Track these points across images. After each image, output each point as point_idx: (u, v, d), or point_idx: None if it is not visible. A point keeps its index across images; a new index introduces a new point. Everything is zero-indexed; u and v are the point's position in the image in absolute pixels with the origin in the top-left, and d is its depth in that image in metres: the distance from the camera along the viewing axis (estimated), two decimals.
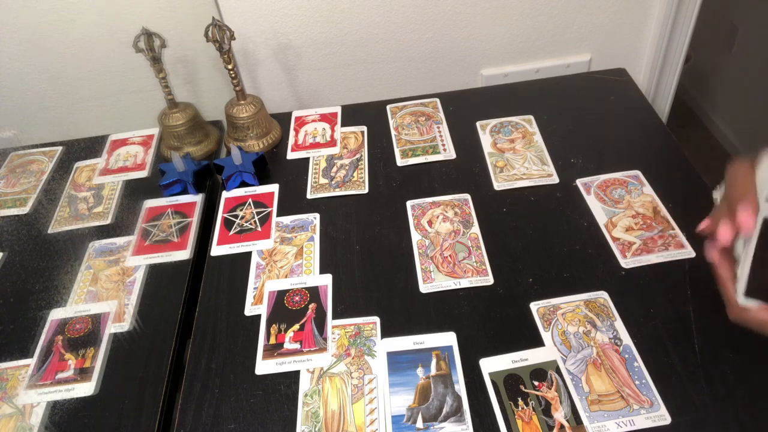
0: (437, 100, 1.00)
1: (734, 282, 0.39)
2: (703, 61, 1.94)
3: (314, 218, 0.81)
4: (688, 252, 0.71)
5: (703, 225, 0.42)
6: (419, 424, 0.58)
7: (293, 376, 0.64)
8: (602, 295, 0.67)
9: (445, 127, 0.94)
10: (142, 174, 0.89)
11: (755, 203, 0.36)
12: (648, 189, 0.80)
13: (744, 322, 0.39)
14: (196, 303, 0.73)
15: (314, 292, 0.72)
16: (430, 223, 0.79)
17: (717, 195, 0.42)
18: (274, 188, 0.87)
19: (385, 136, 0.94)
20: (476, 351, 0.63)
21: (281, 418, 0.60)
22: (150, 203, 0.85)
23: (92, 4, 0.84)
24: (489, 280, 0.71)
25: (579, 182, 0.82)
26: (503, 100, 0.99)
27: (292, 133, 0.97)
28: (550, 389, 0.59)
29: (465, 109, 0.97)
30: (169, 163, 0.86)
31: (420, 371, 0.62)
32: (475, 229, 0.77)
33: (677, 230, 0.73)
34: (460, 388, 0.60)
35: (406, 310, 0.69)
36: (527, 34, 1.02)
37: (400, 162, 0.89)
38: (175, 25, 0.86)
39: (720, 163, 0.44)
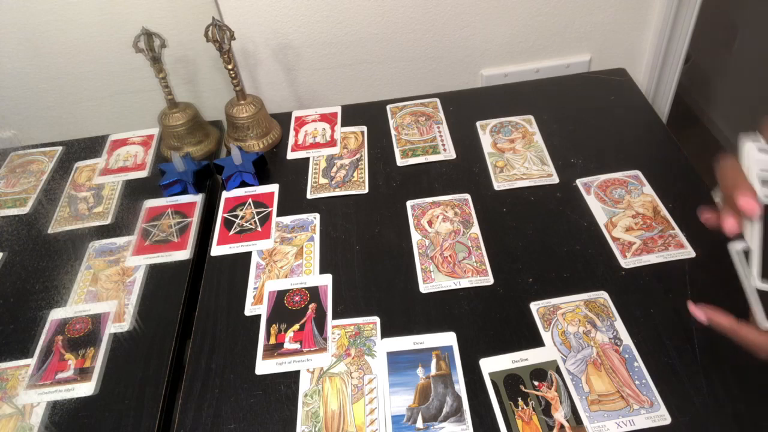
0: (437, 100, 1.00)
1: (743, 322, 0.40)
2: (703, 61, 1.94)
3: (314, 218, 0.81)
4: (688, 252, 0.71)
5: (706, 215, 0.42)
6: (419, 424, 0.58)
7: (293, 376, 0.64)
8: (602, 295, 0.67)
9: (445, 127, 0.94)
10: (142, 174, 0.89)
11: (750, 187, 0.37)
12: (648, 189, 0.80)
13: None
14: (196, 303, 0.73)
15: (314, 292, 0.72)
16: (430, 223, 0.79)
17: (717, 197, 0.42)
18: (274, 188, 0.87)
19: (385, 136, 0.94)
20: (476, 351, 0.63)
21: (281, 418, 0.60)
22: (150, 203, 0.85)
23: (92, 4, 0.84)
24: (489, 280, 0.71)
25: (579, 182, 0.82)
26: (503, 100, 0.99)
27: (292, 133, 0.97)
28: (550, 389, 0.59)
29: (465, 109, 0.97)
30: (169, 163, 0.86)
31: (420, 371, 0.62)
32: (475, 229, 0.77)
33: (677, 230, 0.73)
34: (460, 388, 0.60)
35: (406, 310, 0.69)
36: (527, 34, 1.02)
37: (400, 162, 0.89)
38: (175, 25, 0.86)
39: None
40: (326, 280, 0.73)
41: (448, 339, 0.65)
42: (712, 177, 0.44)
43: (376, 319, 0.68)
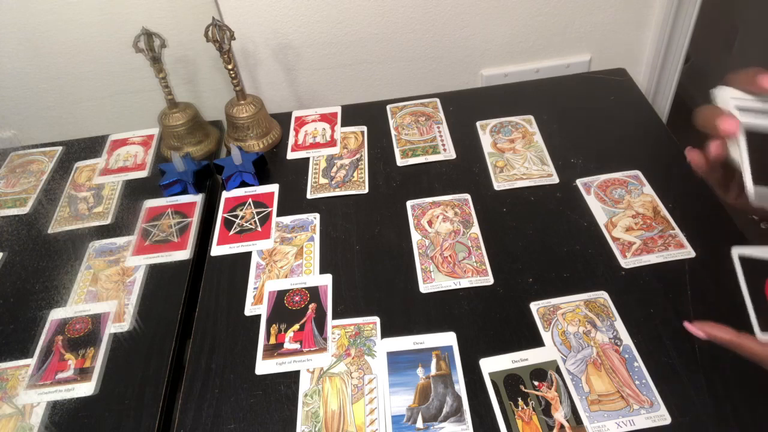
0: (437, 100, 1.00)
1: (744, 334, 0.41)
2: (703, 61, 1.94)
3: (314, 218, 0.81)
4: (688, 252, 0.71)
5: (691, 153, 0.43)
6: (419, 424, 0.58)
7: (293, 376, 0.64)
8: (602, 295, 0.67)
9: (445, 127, 0.94)
10: (142, 174, 0.89)
11: (728, 113, 0.39)
12: (648, 189, 0.80)
13: None
14: (196, 303, 0.73)
15: (314, 292, 0.72)
16: (430, 223, 0.79)
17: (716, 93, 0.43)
18: (274, 188, 0.87)
19: (385, 136, 0.94)
20: (476, 351, 0.63)
21: (281, 418, 0.60)
22: (150, 203, 0.85)
23: (92, 4, 0.84)
24: (489, 280, 0.71)
25: (579, 182, 0.82)
26: (503, 100, 0.99)
27: (292, 133, 0.97)
28: (550, 389, 0.59)
29: (465, 109, 0.97)
30: (169, 163, 0.86)
31: (420, 371, 0.62)
32: (475, 229, 0.77)
33: (677, 230, 0.73)
34: (460, 388, 0.60)
35: (406, 310, 0.69)
36: (527, 34, 1.02)
37: (400, 162, 0.89)
38: (175, 25, 0.86)
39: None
40: (326, 280, 0.73)
41: (448, 339, 0.65)
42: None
43: (376, 319, 0.68)
